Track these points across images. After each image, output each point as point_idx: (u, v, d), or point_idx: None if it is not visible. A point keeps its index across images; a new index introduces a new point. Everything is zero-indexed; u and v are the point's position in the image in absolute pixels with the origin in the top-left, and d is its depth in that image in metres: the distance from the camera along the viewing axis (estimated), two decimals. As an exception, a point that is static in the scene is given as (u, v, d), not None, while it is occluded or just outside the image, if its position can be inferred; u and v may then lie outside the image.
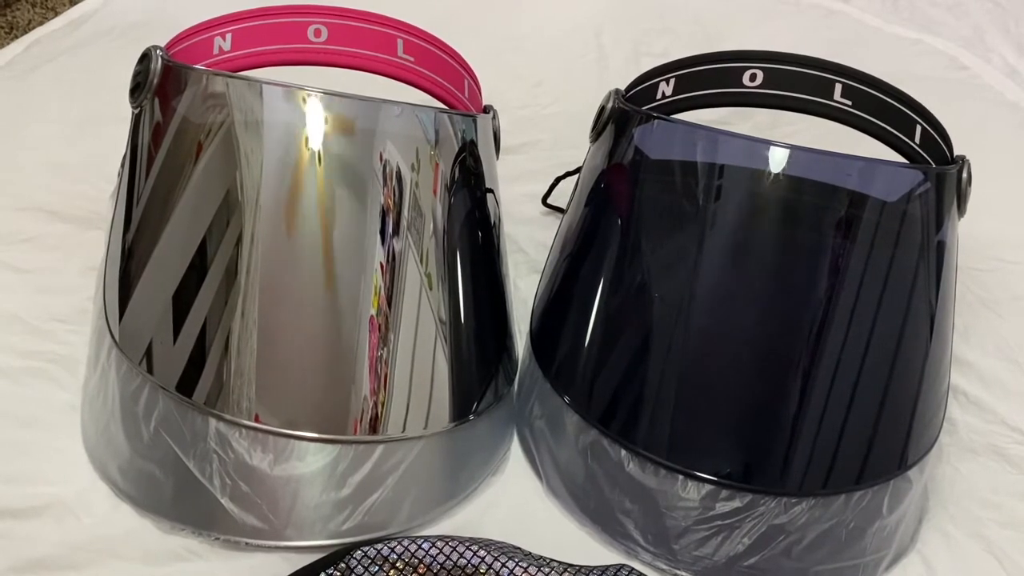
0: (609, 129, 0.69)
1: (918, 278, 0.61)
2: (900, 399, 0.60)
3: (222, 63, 0.63)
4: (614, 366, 0.62)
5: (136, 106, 0.64)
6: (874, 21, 1.22)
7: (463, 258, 0.65)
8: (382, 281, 0.60)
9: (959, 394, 0.73)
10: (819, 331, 0.58)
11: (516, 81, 1.05)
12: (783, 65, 0.62)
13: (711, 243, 0.61)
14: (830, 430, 0.57)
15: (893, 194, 0.61)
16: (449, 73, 0.68)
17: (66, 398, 0.67)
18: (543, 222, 0.88)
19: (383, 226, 0.61)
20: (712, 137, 0.62)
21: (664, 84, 0.66)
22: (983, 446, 0.69)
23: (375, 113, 0.61)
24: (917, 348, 0.61)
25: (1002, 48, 1.19)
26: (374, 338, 0.59)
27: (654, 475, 0.58)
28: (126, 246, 0.62)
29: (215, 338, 0.58)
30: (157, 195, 0.62)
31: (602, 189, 0.68)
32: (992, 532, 0.64)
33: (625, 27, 1.17)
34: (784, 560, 0.56)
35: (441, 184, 0.64)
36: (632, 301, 0.63)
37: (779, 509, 0.56)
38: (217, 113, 0.60)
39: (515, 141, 0.91)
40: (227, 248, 0.59)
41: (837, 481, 0.57)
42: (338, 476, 0.58)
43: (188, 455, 0.57)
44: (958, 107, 1.00)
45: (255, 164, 0.59)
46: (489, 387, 0.65)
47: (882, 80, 0.63)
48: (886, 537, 0.59)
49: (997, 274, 0.83)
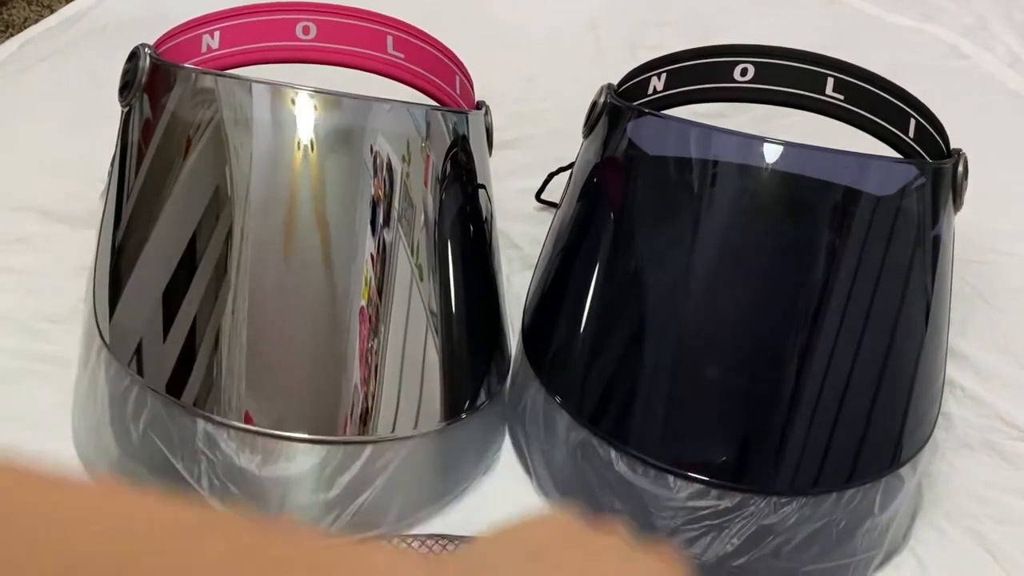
0: (602, 124, 0.68)
1: (913, 274, 0.61)
2: (893, 397, 0.59)
3: (211, 61, 0.63)
4: (604, 365, 0.62)
5: (125, 104, 0.64)
6: (874, 10, 1.21)
7: (454, 252, 0.65)
8: (372, 272, 0.60)
9: (955, 388, 0.72)
10: (811, 330, 0.58)
11: (510, 76, 1.04)
12: (774, 59, 0.62)
13: (703, 240, 0.60)
14: (821, 429, 0.57)
15: (887, 189, 0.60)
16: (440, 69, 0.68)
17: (58, 399, 0.67)
18: (537, 217, 0.87)
19: (373, 217, 0.60)
20: (705, 133, 0.61)
21: (655, 79, 0.66)
22: (978, 442, 0.69)
23: (365, 110, 0.61)
24: (911, 345, 0.60)
25: (1005, 36, 1.18)
26: (364, 330, 0.59)
27: (644, 475, 0.58)
28: (115, 245, 0.62)
29: (204, 337, 0.58)
30: (146, 193, 0.61)
31: (595, 185, 0.67)
32: (987, 528, 0.63)
33: (620, 20, 1.16)
34: (774, 560, 0.56)
35: (432, 177, 0.64)
36: (623, 298, 0.62)
37: (769, 509, 0.56)
38: (206, 111, 0.60)
39: (509, 136, 0.90)
40: (216, 246, 0.59)
41: (827, 480, 0.57)
42: (327, 477, 0.58)
43: (176, 456, 0.57)
44: (959, 97, 0.99)
45: (244, 162, 0.59)
46: (481, 385, 0.65)
47: (875, 73, 0.62)
48: (877, 536, 0.58)
49: (995, 266, 0.82)
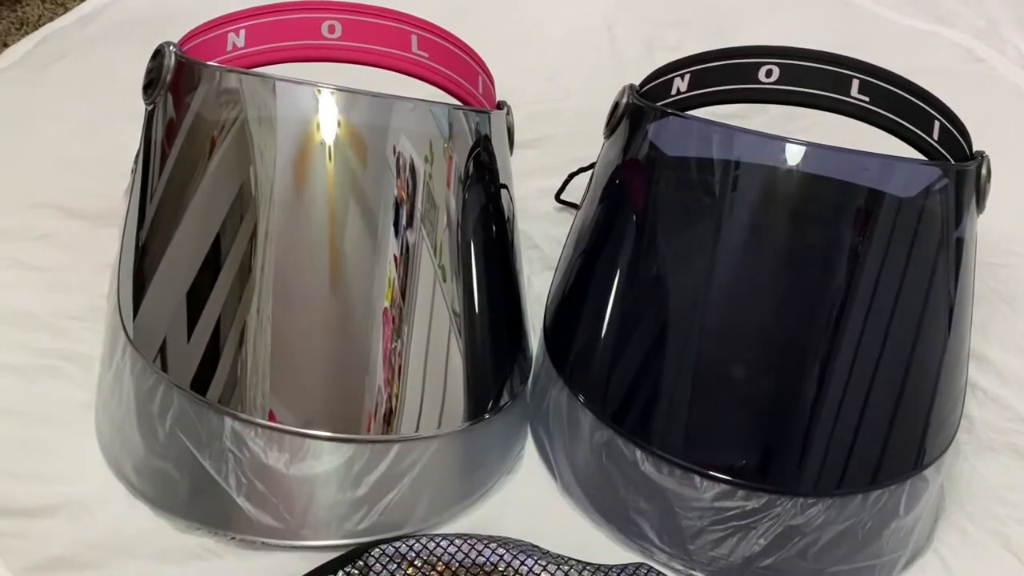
0: (623, 125, 0.68)
1: (936, 275, 0.61)
2: (917, 399, 0.59)
3: (236, 59, 0.63)
4: (628, 364, 0.62)
5: (149, 102, 0.64)
6: (888, 13, 1.21)
7: (477, 252, 0.65)
8: (396, 273, 0.60)
9: (977, 390, 0.72)
10: (835, 330, 0.58)
11: (530, 75, 1.04)
12: (799, 61, 0.61)
13: (726, 241, 0.60)
14: (847, 430, 0.57)
15: (911, 191, 0.60)
16: (463, 69, 0.68)
17: (81, 396, 0.67)
18: (557, 218, 0.87)
19: (396, 217, 0.60)
20: (728, 134, 0.61)
21: (679, 80, 0.66)
22: (1001, 444, 0.69)
23: (389, 109, 0.61)
24: (935, 347, 0.60)
25: (1017, 40, 1.18)
26: (388, 331, 0.59)
27: (669, 475, 0.58)
28: (140, 243, 0.62)
29: (229, 335, 0.58)
30: (171, 192, 0.61)
31: (616, 185, 0.67)
32: (1010, 529, 0.63)
33: (638, 19, 1.16)
34: (800, 561, 0.56)
35: (455, 177, 0.64)
36: (646, 299, 0.62)
37: (795, 510, 0.56)
38: (230, 110, 0.60)
39: (529, 136, 0.90)
40: (240, 244, 0.59)
41: (853, 481, 0.57)
42: (354, 476, 0.58)
43: (203, 454, 0.57)
44: (974, 100, 0.99)
45: (268, 160, 0.59)
46: (504, 385, 0.65)
47: (900, 75, 0.62)
48: (903, 537, 0.58)
49: (1016, 269, 0.82)
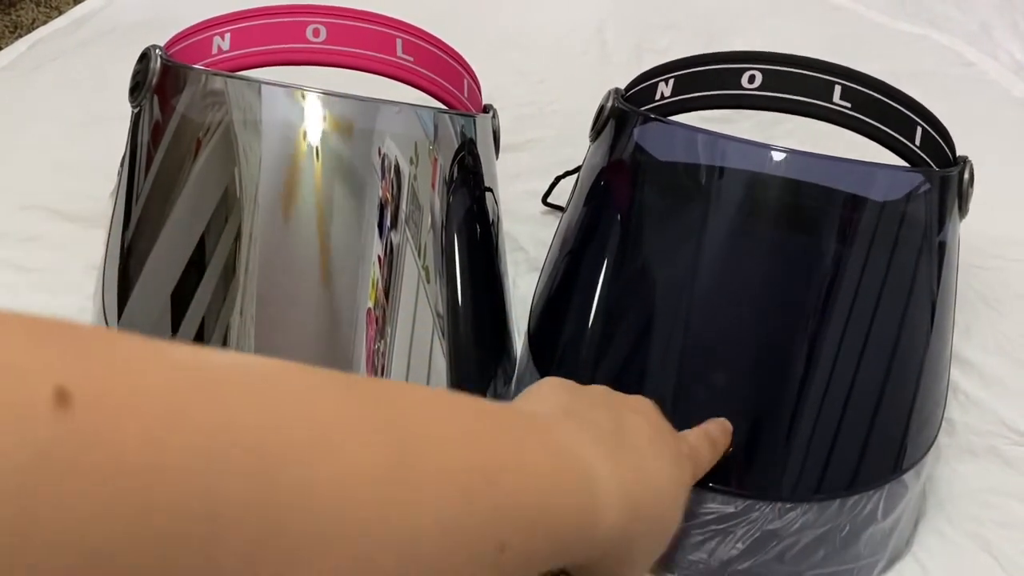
0: (608, 128, 0.69)
1: (918, 280, 0.61)
2: (897, 403, 0.59)
3: (221, 63, 0.63)
4: (610, 367, 0.62)
5: (135, 105, 0.65)
6: (879, 17, 1.21)
7: (461, 255, 0.65)
8: (380, 274, 0.60)
9: (959, 393, 0.72)
10: (815, 336, 0.58)
11: (518, 78, 1.04)
12: (783, 66, 0.62)
13: (707, 246, 0.61)
14: (826, 435, 0.57)
15: (893, 197, 0.60)
16: (448, 73, 0.68)
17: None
18: (544, 220, 0.88)
19: (381, 219, 0.61)
20: (710, 140, 0.62)
21: (663, 84, 0.66)
22: (982, 448, 0.69)
23: (374, 112, 0.61)
24: (915, 352, 0.61)
25: (1009, 44, 1.18)
26: (371, 331, 0.59)
27: (649, 478, 0.58)
28: (124, 245, 0.62)
29: (213, 336, 0.58)
30: (155, 194, 0.62)
31: (601, 189, 0.68)
32: (990, 532, 0.63)
33: (628, 23, 1.16)
34: (778, 565, 0.56)
35: (440, 179, 0.64)
36: (627, 302, 0.62)
37: (773, 514, 0.56)
38: (216, 112, 0.60)
39: (517, 139, 0.91)
40: (225, 246, 0.59)
41: (832, 486, 0.57)
42: None
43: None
44: (963, 103, 1.00)
45: (253, 162, 0.60)
46: (487, 387, 0.65)
47: (882, 81, 0.62)
48: (881, 541, 0.59)
49: (999, 272, 0.82)
